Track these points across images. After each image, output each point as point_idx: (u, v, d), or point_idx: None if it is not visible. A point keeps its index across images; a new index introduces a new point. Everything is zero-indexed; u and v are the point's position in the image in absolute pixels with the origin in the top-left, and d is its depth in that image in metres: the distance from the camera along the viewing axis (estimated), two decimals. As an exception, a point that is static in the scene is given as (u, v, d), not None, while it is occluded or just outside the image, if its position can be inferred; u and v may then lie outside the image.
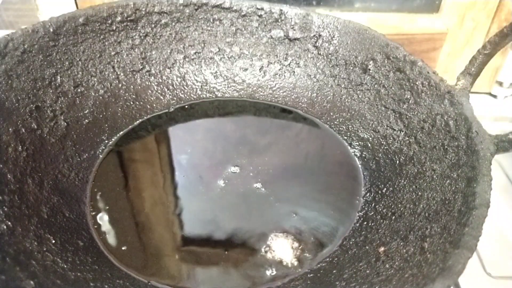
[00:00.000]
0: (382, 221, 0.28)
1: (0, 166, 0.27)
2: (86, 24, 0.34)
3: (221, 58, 0.40)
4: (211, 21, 0.39)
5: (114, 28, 0.36)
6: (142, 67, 0.38)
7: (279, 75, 0.40)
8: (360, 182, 0.32)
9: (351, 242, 0.28)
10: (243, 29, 0.39)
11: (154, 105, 0.38)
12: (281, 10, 0.38)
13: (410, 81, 0.32)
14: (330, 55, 0.38)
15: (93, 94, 0.35)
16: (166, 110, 0.38)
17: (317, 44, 0.38)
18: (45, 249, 0.25)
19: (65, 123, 0.33)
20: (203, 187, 0.32)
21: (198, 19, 0.38)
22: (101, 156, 0.33)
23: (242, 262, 0.27)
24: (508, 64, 0.51)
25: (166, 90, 0.39)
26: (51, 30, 0.33)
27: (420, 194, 0.28)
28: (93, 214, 0.29)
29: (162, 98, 0.38)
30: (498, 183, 0.45)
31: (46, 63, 0.33)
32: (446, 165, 0.27)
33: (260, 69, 0.40)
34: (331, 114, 0.37)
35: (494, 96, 0.54)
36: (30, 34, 0.32)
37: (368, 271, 0.25)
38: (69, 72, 0.34)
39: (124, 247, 0.28)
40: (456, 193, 0.25)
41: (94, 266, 0.25)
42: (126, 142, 0.35)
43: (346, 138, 0.36)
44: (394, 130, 0.33)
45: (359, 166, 0.34)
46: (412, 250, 0.24)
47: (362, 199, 0.31)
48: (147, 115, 0.37)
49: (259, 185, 0.32)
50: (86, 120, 0.34)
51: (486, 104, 0.53)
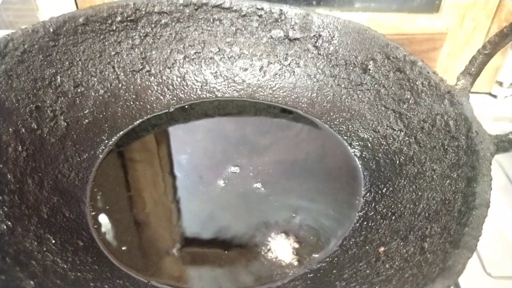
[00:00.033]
0: (382, 221, 0.28)
1: (0, 166, 0.27)
2: (86, 24, 0.34)
3: (221, 58, 0.40)
4: (211, 21, 0.39)
5: (114, 28, 0.36)
6: (142, 67, 0.38)
7: (279, 75, 0.40)
8: (360, 182, 0.32)
9: (351, 242, 0.28)
10: (243, 29, 0.39)
11: (154, 105, 0.38)
12: (281, 10, 0.38)
13: (410, 81, 0.32)
14: (330, 55, 0.38)
15: (93, 94, 0.35)
16: (166, 110, 0.38)
17: (317, 44, 0.38)
18: (45, 249, 0.25)
19: (65, 123, 0.33)
20: (203, 187, 0.32)
21: (198, 19, 0.38)
22: (101, 156, 0.33)
23: (242, 262, 0.27)
24: (508, 64, 0.51)
25: (166, 90, 0.39)
26: (51, 30, 0.33)
27: (420, 194, 0.28)
28: (93, 214, 0.29)
29: (162, 98, 0.38)
30: (498, 183, 0.45)
31: (46, 63, 0.33)
32: (446, 165, 0.27)
33: (260, 69, 0.40)
34: (331, 114, 0.37)
35: (494, 96, 0.54)
36: (30, 34, 0.32)
37: (368, 271, 0.25)
38: (69, 72, 0.34)
39: (124, 247, 0.28)
40: (456, 193, 0.25)
41: (94, 266, 0.25)
42: (126, 142, 0.35)
43: (346, 138, 0.36)
44: (394, 130, 0.33)
45: (359, 166, 0.34)
46: (412, 250, 0.24)
47: (362, 199, 0.31)
48: (147, 115, 0.37)
49: (259, 185, 0.32)
50: (86, 120, 0.34)
51: (486, 104, 0.53)
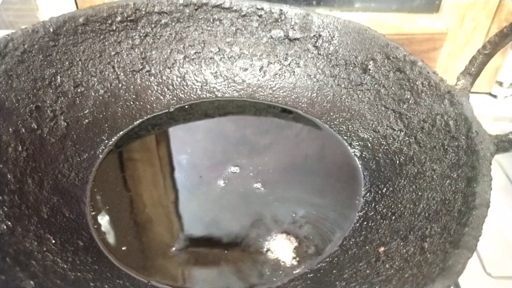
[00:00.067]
0: (382, 221, 0.28)
1: (0, 166, 0.27)
2: (86, 24, 0.34)
3: (221, 58, 0.40)
4: (211, 21, 0.39)
5: (114, 28, 0.36)
6: (142, 67, 0.38)
7: (279, 75, 0.40)
8: (360, 182, 0.32)
9: (351, 242, 0.28)
10: (243, 29, 0.39)
11: (154, 105, 0.38)
12: (281, 10, 0.38)
13: (410, 81, 0.32)
14: (330, 55, 0.38)
15: (93, 94, 0.35)
16: (166, 110, 0.38)
17: (317, 44, 0.38)
18: (45, 249, 0.25)
19: (65, 123, 0.33)
20: (203, 187, 0.32)
21: (198, 19, 0.38)
22: (101, 156, 0.33)
23: (242, 262, 0.27)
24: (508, 64, 0.51)
25: (166, 90, 0.39)
26: (51, 30, 0.33)
27: (420, 194, 0.28)
28: (93, 214, 0.29)
29: (162, 98, 0.38)
30: (498, 183, 0.45)
31: (46, 63, 0.33)
32: (446, 165, 0.27)
33: (260, 69, 0.40)
34: (331, 114, 0.37)
35: (494, 96, 0.54)
36: (30, 34, 0.32)
37: (368, 271, 0.25)
38: (69, 72, 0.34)
39: (124, 247, 0.28)
40: (456, 193, 0.25)
41: (94, 266, 0.25)
42: (126, 142, 0.35)
43: (346, 138, 0.36)
44: (394, 130, 0.33)
45: (359, 166, 0.34)
46: (412, 250, 0.24)
47: (362, 199, 0.31)
48: (147, 115, 0.37)
49: (259, 185, 0.32)
50: (86, 120, 0.34)
51: (486, 104, 0.53)
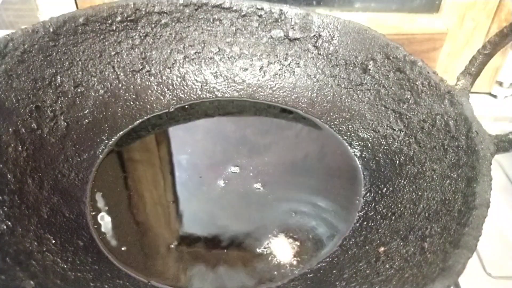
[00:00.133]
0: (382, 221, 0.28)
1: (0, 166, 0.27)
2: (86, 24, 0.34)
3: (221, 58, 0.40)
4: (211, 21, 0.39)
5: (114, 28, 0.36)
6: (142, 67, 0.38)
7: (279, 75, 0.40)
8: (360, 182, 0.32)
9: (351, 242, 0.28)
10: (243, 29, 0.39)
11: (154, 105, 0.38)
12: (281, 10, 0.38)
13: (410, 81, 0.32)
14: (330, 55, 0.38)
15: (93, 94, 0.35)
16: (166, 110, 0.38)
17: (317, 44, 0.38)
18: (45, 249, 0.25)
19: (65, 123, 0.33)
20: (203, 187, 0.32)
21: (198, 19, 0.38)
22: (101, 156, 0.33)
23: (242, 262, 0.27)
24: (508, 64, 0.51)
25: (166, 90, 0.39)
26: (51, 30, 0.33)
27: (420, 194, 0.28)
28: (93, 214, 0.29)
29: (162, 98, 0.38)
30: (498, 183, 0.45)
31: (46, 63, 0.33)
32: (446, 165, 0.27)
33: (260, 69, 0.40)
34: (331, 114, 0.37)
35: (494, 96, 0.54)
36: (30, 34, 0.32)
37: (368, 271, 0.25)
38: (69, 72, 0.34)
39: (124, 247, 0.28)
40: (456, 193, 0.25)
41: (94, 266, 0.25)
42: (126, 142, 0.35)
43: (346, 138, 0.36)
44: (394, 130, 0.33)
45: (359, 166, 0.34)
46: (412, 250, 0.24)
47: (362, 199, 0.31)
48: (147, 115, 0.37)
49: (259, 185, 0.32)
50: (86, 120, 0.34)
51: (486, 104, 0.53)
